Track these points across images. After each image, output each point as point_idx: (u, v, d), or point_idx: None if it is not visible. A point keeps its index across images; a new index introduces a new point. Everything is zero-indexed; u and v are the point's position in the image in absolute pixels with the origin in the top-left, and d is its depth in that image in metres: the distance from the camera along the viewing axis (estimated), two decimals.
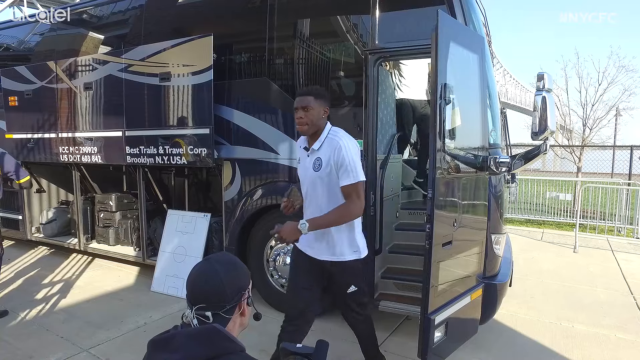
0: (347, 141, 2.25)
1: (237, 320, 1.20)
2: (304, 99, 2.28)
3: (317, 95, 2.29)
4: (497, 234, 3.30)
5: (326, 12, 3.67)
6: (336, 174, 2.23)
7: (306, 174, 2.37)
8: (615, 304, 4.28)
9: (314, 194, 2.34)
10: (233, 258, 1.26)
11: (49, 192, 6.11)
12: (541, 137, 2.73)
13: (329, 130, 2.33)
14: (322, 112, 2.30)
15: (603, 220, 7.81)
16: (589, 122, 11.02)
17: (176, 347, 1.06)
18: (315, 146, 2.31)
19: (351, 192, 2.23)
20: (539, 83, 2.69)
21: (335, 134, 2.30)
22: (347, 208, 2.24)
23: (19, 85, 5.35)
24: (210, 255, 1.27)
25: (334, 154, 2.21)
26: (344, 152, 2.19)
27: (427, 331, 2.52)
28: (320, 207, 2.31)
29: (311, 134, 2.33)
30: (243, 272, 1.25)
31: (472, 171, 2.92)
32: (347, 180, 2.20)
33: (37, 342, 3.32)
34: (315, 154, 2.31)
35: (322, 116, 2.30)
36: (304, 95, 2.29)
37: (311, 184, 2.34)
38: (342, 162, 2.19)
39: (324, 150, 2.27)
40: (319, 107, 2.28)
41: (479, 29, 3.27)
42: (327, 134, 2.31)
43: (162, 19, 4.58)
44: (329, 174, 2.25)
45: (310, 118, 2.26)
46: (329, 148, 2.25)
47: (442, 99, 2.48)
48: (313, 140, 2.34)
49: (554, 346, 3.37)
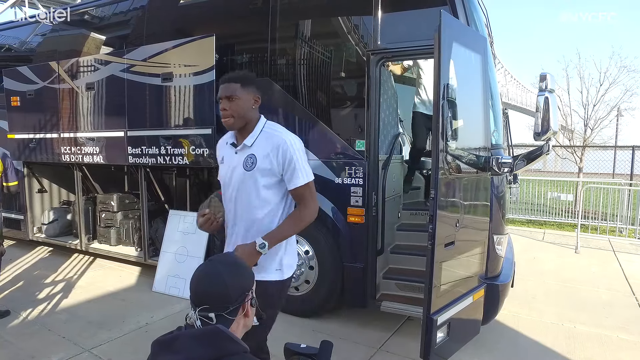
0: (291, 137, 1.93)
1: (241, 322, 1.20)
2: (228, 87, 1.90)
3: (244, 82, 1.92)
4: (499, 234, 3.30)
5: (328, 13, 3.67)
6: (279, 175, 1.91)
7: (233, 174, 1.97)
8: (618, 304, 4.27)
9: (243, 197, 1.95)
10: (236, 259, 1.26)
11: (51, 192, 6.12)
12: (544, 138, 2.73)
13: (265, 124, 1.98)
14: (252, 102, 1.93)
15: (605, 220, 7.80)
16: (591, 122, 11.02)
17: (179, 348, 1.06)
18: (248, 141, 1.93)
19: (305, 194, 1.93)
20: (541, 84, 2.69)
21: (275, 129, 1.97)
22: (303, 212, 1.94)
23: (22, 86, 5.36)
24: (214, 256, 1.27)
25: (278, 153, 1.88)
26: (291, 150, 1.88)
27: (429, 331, 2.52)
28: (253, 214, 1.94)
29: (240, 128, 1.96)
30: (246, 273, 1.25)
31: (474, 171, 2.92)
32: (299, 181, 1.90)
33: (39, 342, 3.32)
34: (247, 150, 1.93)
35: (252, 107, 1.94)
36: (228, 83, 1.91)
37: (241, 184, 1.94)
38: (291, 161, 1.88)
39: (260, 147, 1.92)
40: (247, 95, 1.91)
41: (481, 29, 3.27)
42: (263, 128, 1.96)
43: (164, 19, 4.58)
44: (264, 174, 1.91)
45: (237, 109, 1.89)
46: (267, 145, 1.90)
47: (444, 99, 2.48)
48: (243, 135, 1.96)
49: (556, 347, 3.36)
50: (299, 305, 3.77)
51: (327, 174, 3.56)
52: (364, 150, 3.42)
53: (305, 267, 3.68)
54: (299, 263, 3.66)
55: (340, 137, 3.52)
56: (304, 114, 3.66)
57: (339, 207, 3.52)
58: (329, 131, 3.56)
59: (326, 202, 3.56)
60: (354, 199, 3.46)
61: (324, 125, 3.58)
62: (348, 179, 3.47)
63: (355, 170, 3.44)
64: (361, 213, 3.44)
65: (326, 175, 3.56)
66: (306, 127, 3.66)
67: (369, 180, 3.40)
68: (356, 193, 3.45)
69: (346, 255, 3.52)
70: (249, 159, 1.93)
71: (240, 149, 1.96)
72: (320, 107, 3.65)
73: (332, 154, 3.55)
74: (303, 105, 3.66)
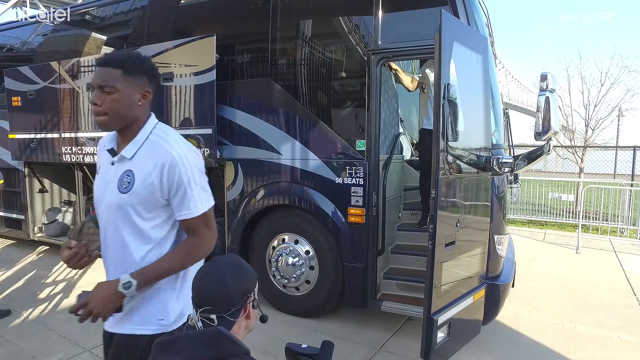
0: (184, 150, 1.42)
1: (243, 323, 1.19)
2: (103, 73, 1.37)
3: (128, 68, 1.38)
4: (500, 234, 3.30)
5: (329, 12, 3.67)
6: (164, 200, 1.41)
7: (105, 193, 1.45)
8: (619, 305, 4.26)
9: (113, 229, 1.43)
10: (239, 260, 1.24)
11: (52, 192, 6.12)
12: (544, 138, 2.73)
13: (153, 129, 1.45)
14: (138, 97, 1.41)
15: (606, 221, 7.79)
16: (592, 122, 10.99)
17: (180, 349, 1.06)
18: (127, 152, 1.41)
19: (198, 225, 1.44)
20: (542, 83, 2.69)
21: (164, 138, 1.43)
22: (195, 243, 1.45)
23: (22, 86, 5.36)
24: (217, 257, 1.24)
25: (163, 172, 1.37)
26: (181, 169, 1.38)
27: (429, 332, 2.52)
28: (126, 254, 1.42)
29: (121, 130, 1.44)
30: (249, 274, 1.23)
31: (475, 171, 2.92)
32: (192, 212, 1.41)
33: (40, 341, 3.32)
34: (126, 164, 1.41)
35: (139, 103, 1.41)
36: (104, 67, 1.38)
37: (112, 210, 1.42)
38: (180, 183, 1.38)
39: (142, 161, 1.40)
40: (130, 88, 1.38)
41: (481, 29, 3.27)
42: (150, 134, 1.44)
43: (165, 19, 4.59)
44: (143, 201, 1.39)
45: (114, 106, 1.36)
46: (150, 159, 1.39)
47: (445, 99, 2.48)
48: (124, 141, 1.44)
49: (557, 347, 3.36)
50: (299, 305, 3.77)
51: (328, 174, 3.56)
52: (364, 150, 3.42)
53: (306, 267, 3.68)
54: (299, 263, 3.67)
55: (341, 137, 3.52)
56: (304, 114, 3.66)
57: (340, 207, 3.52)
58: (329, 131, 3.56)
59: (327, 202, 3.56)
60: (354, 199, 3.45)
61: (325, 125, 3.58)
62: (348, 179, 3.47)
63: (356, 170, 3.44)
64: (362, 213, 3.44)
65: (327, 175, 3.56)
66: (307, 127, 3.66)
67: (370, 180, 3.40)
68: (357, 193, 3.44)
69: (347, 255, 3.52)
70: (126, 177, 1.40)
71: (118, 160, 1.43)
72: (320, 107, 3.64)
73: (332, 153, 3.55)
74: (303, 105, 3.66)
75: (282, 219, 3.83)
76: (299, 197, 3.68)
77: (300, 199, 3.67)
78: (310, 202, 3.61)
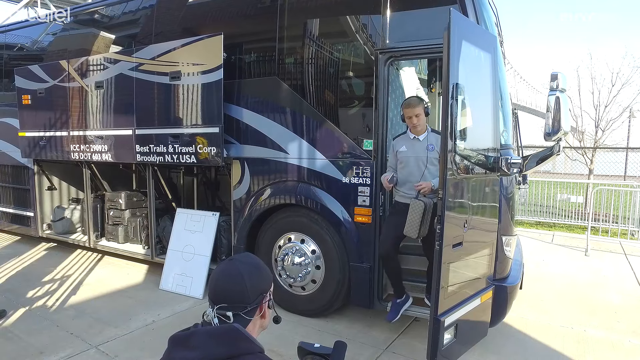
0: None
1: (257, 322, 1.22)
2: None
3: None
4: (508, 235, 3.26)
5: (337, 12, 3.66)
6: None
7: None
8: (629, 308, 4.20)
9: None
10: (257, 260, 1.27)
11: (60, 189, 6.18)
12: (554, 138, 2.69)
13: None
14: None
15: (616, 223, 7.69)
16: (602, 123, 10.85)
17: (195, 344, 1.08)
18: None
19: None
20: (552, 83, 2.65)
21: None
22: None
23: (32, 84, 5.42)
24: (235, 256, 1.28)
25: None
26: None
27: (436, 333, 2.49)
28: None
29: None
30: (266, 274, 1.26)
31: (483, 172, 2.89)
32: None
33: (48, 337, 3.35)
34: None
35: None
36: None
37: None
38: None
39: None
40: None
41: (491, 28, 3.23)
42: None
43: (173, 18, 4.60)
44: None
45: None
46: None
47: (453, 98, 2.45)
48: None
49: (565, 351, 3.31)
50: (305, 304, 3.77)
51: (335, 174, 3.54)
52: (371, 150, 3.40)
53: (312, 267, 3.67)
54: (305, 262, 3.66)
55: (348, 136, 3.50)
56: (311, 113, 3.65)
57: (346, 207, 3.51)
58: (336, 130, 3.55)
59: (333, 202, 3.55)
60: (361, 199, 3.44)
61: (332, 124, 3.57)
62: (355, 179, 3.45)
63: (363, 170, 3.42)
64: (368, 213, 3.42)
65: (333, 175, 3.55)
66: (314, 126, 3.65)
67: (377, 180, 3.38)
68: (364, 193, 3.43)
69: (353, 255, 3.51)
70: None
71: None
72: (328, 106, 3.63)
73: (339, 153, 3.54)
74: (311, 104, 3.65)
75: (289, 218, 3.83)
76: (306, 196, 3.67)
77: (307, 198, 3.67)
78: (317, 201, 3.61)
